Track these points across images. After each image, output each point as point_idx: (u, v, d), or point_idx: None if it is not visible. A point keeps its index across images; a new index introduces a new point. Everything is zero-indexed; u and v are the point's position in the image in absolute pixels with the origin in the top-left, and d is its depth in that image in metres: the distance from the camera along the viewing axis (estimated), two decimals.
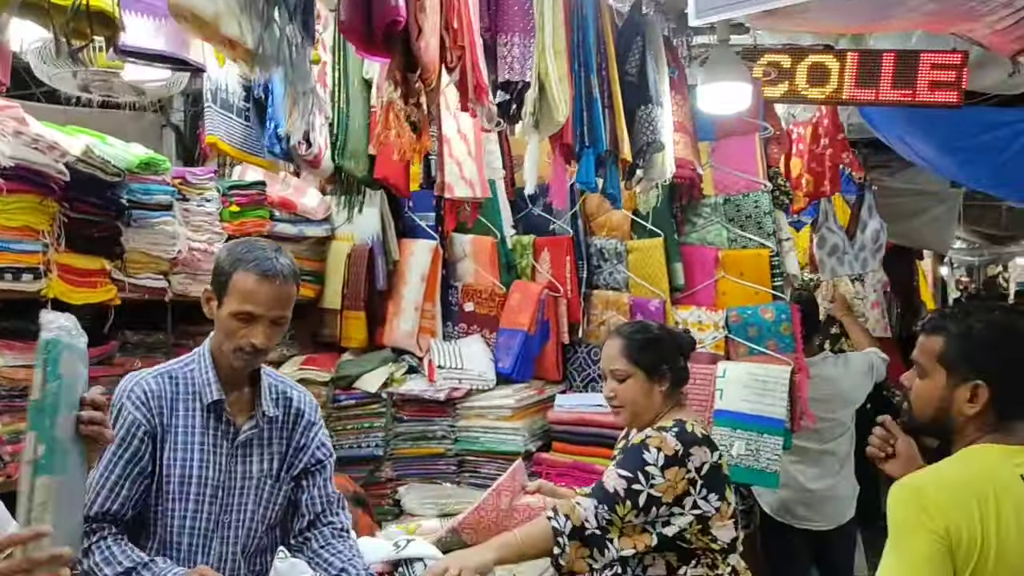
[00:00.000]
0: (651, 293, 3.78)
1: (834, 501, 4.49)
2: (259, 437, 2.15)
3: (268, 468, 2.16)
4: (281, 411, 2.20)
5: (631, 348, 2.49)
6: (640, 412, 2.50)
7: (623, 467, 2.34)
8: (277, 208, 3.77)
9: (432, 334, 3.96)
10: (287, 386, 2.26)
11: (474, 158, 3.63)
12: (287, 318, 2.09)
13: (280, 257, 2.06)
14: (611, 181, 2.77)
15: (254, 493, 2.14)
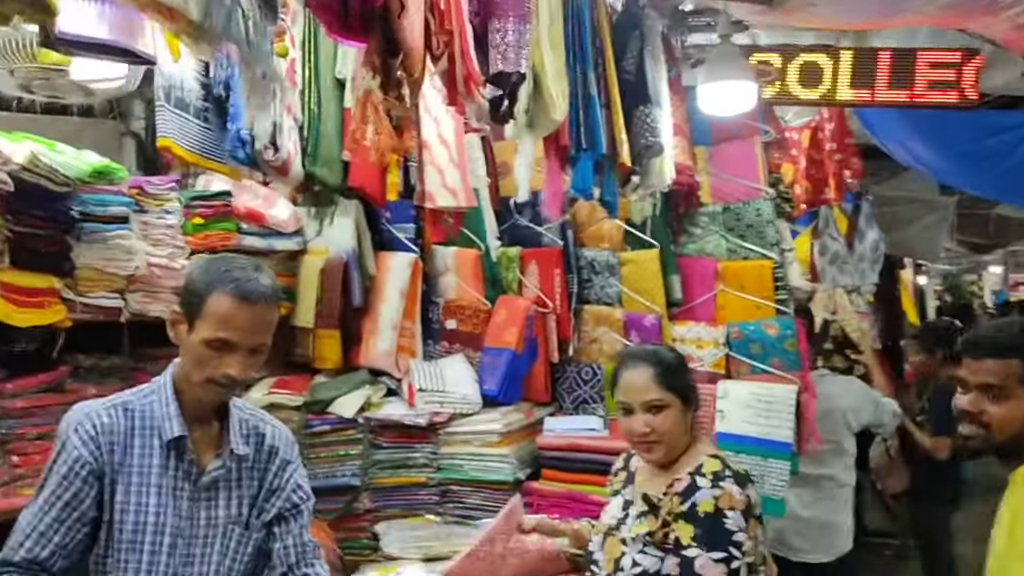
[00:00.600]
0: (646, 308, 3.55)
1: (831, 531, 4.31)
2: (226, 479, 1.92)
3: (236, 513, 1.92)
4: (252, 449, 1.97)
5: (665, 375, 2.23)
6: (675, 445, 2.25)
7: (712, 548, 2.08)
8: (244, 220, 3.51)
9: (412, 354, 3.70)
10: (259, 420, 2.03)
11: (457, 165, 3.40)
12: (267, 345, 1.88)
13: (261, 276, 1.84)
14: (608, 188, 2.54)
15: (219, 542, 1.90)
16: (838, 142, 4.05)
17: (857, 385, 4.44)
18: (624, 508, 2.34)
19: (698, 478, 2.18)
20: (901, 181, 6.98)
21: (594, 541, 2.38)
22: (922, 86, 3.59)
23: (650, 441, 2.25)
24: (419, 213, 3.79)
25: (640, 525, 2.23)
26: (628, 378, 2.28)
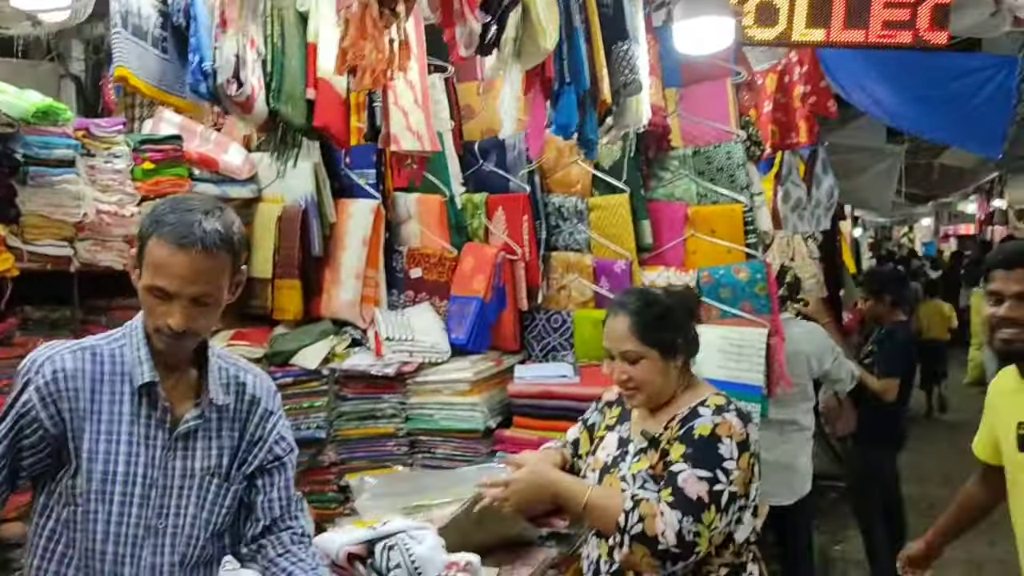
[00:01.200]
0: (616, 254, 3.49)
1: (793, 473, 4.37)
2: (205, 428, 1.81)
3: (215, 464, 1.82)
4: (233, 398, 1.86)
5: (642, 326, 2.19)
6: (657, 393, 2.23)
7: (699, 466, 2.08)
8: (196, 166, 3.37)
9: (376, 303, 3.61)
10: (240, 368, 1.93)
11: (421, 107, 3.26)
12: (215, 296, 1.72)
13: (208, 220, 1.68)
14: (590, 126, 2.45)
15: (196, 493, 1.80)
16: (813, 84, 4.01)
17: (819, 331, 4.47)
18: (621, 445, 2.31)
19: (701, 408, 2.18)
20: (850, 130, 7.02)
21: (589, 478, 2.34)
22: (878, 26, 3.51)
23: (629, 388, 2.25)
24: (380, 158, 3.68)
25: (640, 462, 2.21)
26: (609, 325, 2.28)
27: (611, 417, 2.46)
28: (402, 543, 2.01)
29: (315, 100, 2.68)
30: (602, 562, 2.28)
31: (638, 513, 2.06)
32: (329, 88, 2.71)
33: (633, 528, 2.05)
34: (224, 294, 1.74)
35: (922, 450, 8.04)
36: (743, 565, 2.21)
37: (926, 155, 8.06)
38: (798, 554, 4.52)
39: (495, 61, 2.09)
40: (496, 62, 2.06)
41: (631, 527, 2.05)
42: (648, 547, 2.03)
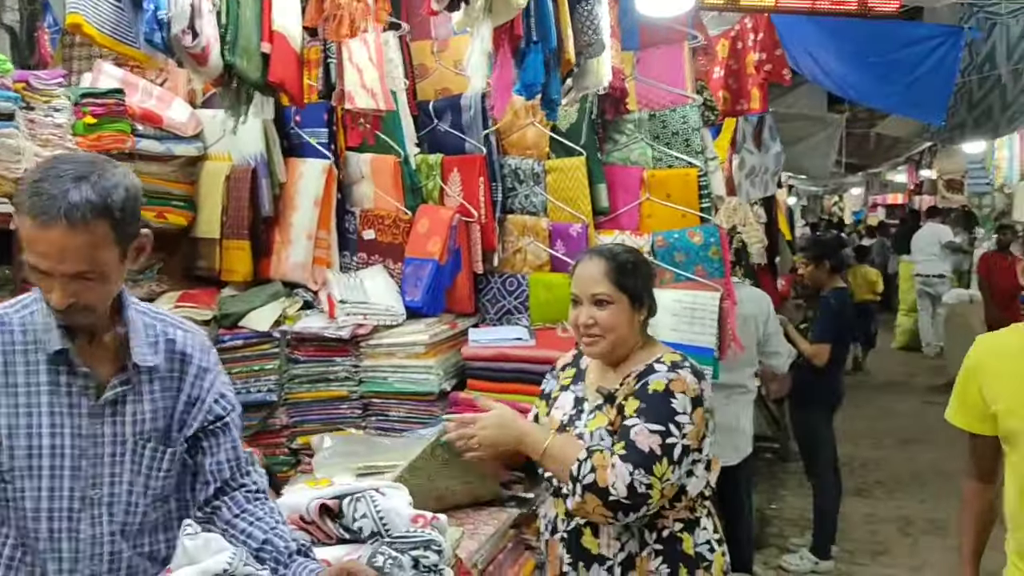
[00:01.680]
0: (572, 217, 3.49)
1: (738, 434, 4.47)
2: (134, 392, 1.72)
3: (149, 428, 1.74)
4: (162, 357, 1.76)
5: (618, 271, 2.23)
6: (619, 343, 2.26)
7: (652, 419, 2.12)
8: (139, 122, 3.25)
9: (328, 265, 3.55)
10: (168, 324, 1.82)
11: (375, 65, 3.20)
12: (98, 271, 1.58)
13: (81, 187, 1.52)
14: (554, 86, 2.43)
15: (130, 460, 1.72)
16: (768, 52, 4.03)
17: (765, 297, 4.57)
18: (576, 404, 2.33)
19: (656, 364, 2.22)
20: (792, 98, 7.12)
21: None
22: None
23: (593, 334, 2.26)
24: (331, 117, 3.59)
25: (596, 418, 2.24)
26: (581, 269, 2.30)
27: (566, 378, 2.48)
28: (369, 497, 1.99)
29: (270, 54, 2.60)
30: (559, 521, 2.31)
31: (591, 463, 2.10)
32: (284, 42, 2.64)
33: (585, 478, 2.09)
34: (114, 266, 1.60)
35: (851, 412, 8.26)
36: (697, 520, 2.27)
37: (862, 125, 8.22)
38: (739, 512, 4.65)
39: (462, 16, 2.04)
40: (464, 17, 2.01)
41: (583, 476, 2.09)
42: (599, 497, 2.07)
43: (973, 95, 5.42)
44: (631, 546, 2.20)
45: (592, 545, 2.22)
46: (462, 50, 3.66)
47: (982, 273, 9.62)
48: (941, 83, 4.13)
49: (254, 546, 1.78)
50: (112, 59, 3.40)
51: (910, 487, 6.67)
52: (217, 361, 1.87)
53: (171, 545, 1.80)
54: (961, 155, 12.16)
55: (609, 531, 2.21)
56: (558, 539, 2.31)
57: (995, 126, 5.58)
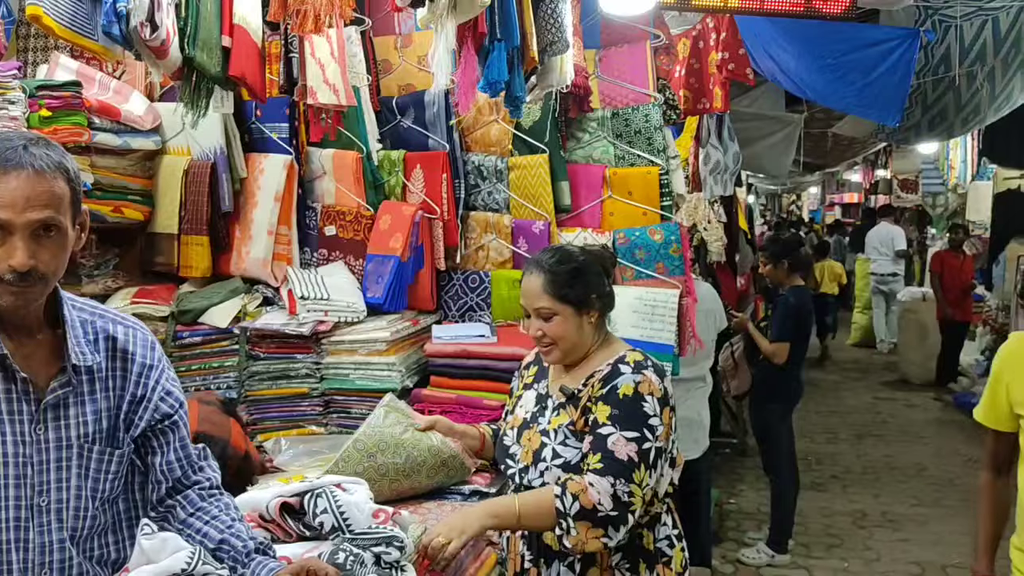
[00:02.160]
0: (534, 214, 3.50)
1: (698, 428, 4.52)
2: (76, 394, 1.66)
3: (93, 430, 1.67)
4: (104, 355, 1.70)
5: (555, 283, 2.24)
6: (573, 348, 2.29)
7: (626, 427, 2.12)
8: (96, 115, 3.20)
9: (288, 261, 3.52)
10: (108, 320, 1.74)
11: (337, 60, 3.17)
12: (59, 227, 1.55)
13: (36, 146, 1.53)
14: (518, 84, 2.43)
15: (76, 464, 1.65)
16: (731, 52, 4.06)
17: (706, 287, 4.63)
18: (539, 402, 2.34)
19: (621, 365, 2.23)
20: (750, 98, 7.20)
21: (508, 435, 2.37)
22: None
23: (545, 343, 2.30)
24: (293, 112, 3.56)
25: (560, 416, 2.24)
26: (524, 283, 2.32)
27: (528, 376, 2.49)
28: (329, 492, 1.97)
29: (231, 48, 2.56)
30: None
31: (570, 494, 2.08)
32: (246, 36, 2.60)
33: (572, 508, 2.07)
34: (69, 231, 1.58)
35: (807, 408, 8.43)
36: (657, 516, 2.29)
37: (820, 124, 8.34)
38: (698, 507, 4.69)
39: (426, 13, 2.03)
40: (428, 14, 2.01)
41: (570, 508, 2.07)
42: (589, 520, 2.06)
43: (928, 96, 5.53)
44: None
45: (553, 541, 2.23)
46: (426, 46, 3.66)
47: (935, 271, 9.82)
48: (897, 85, 4.21)
49: (211, 546, 1.75)
50: (68, 51, 3.34)
51: (864, 481, 6.79)
52: (162, 356, 1.81)
53: (120, 548, 1.76)
54: (915, 155, 12.41)
55: None
56: (519, 536, 2.32)
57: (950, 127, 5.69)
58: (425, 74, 3.65)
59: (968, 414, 8.56)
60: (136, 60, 2.42)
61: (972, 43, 5.26)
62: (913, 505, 6.22)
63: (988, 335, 9.01)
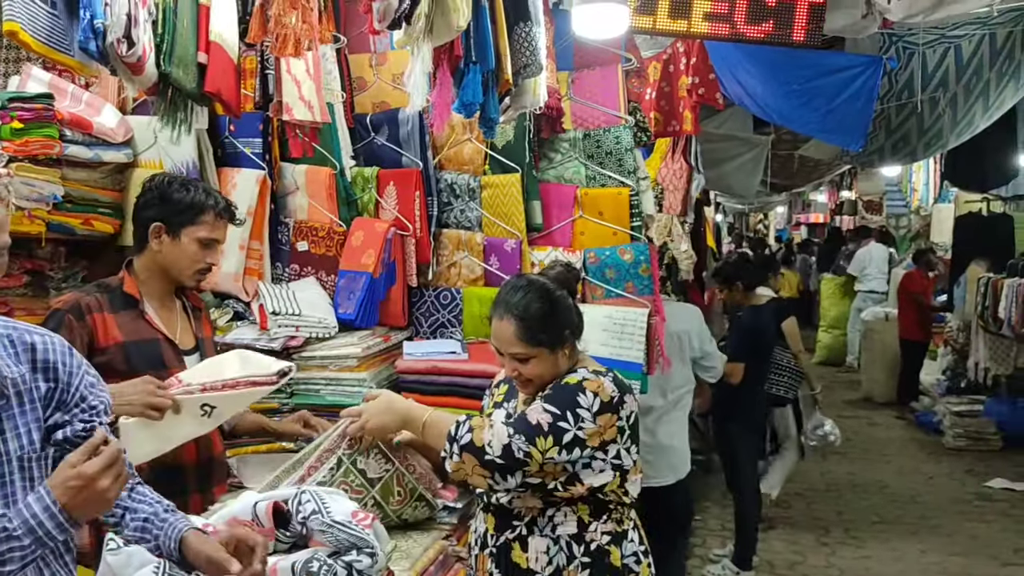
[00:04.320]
0: (506, 233, 3.53)
1: (675, 453, 4.48)
2: (7, 408, 1.61)
3: (27, 442, 1.63)
4: (27, 366, 1.66)
5: (528, 330, 2.24)
6: (549, 379, 2.31)
7: (552, 403, 2.19)
8: (68, 127, 3.18)
9: (260, 276, 3.52)
10: (23, 331, 1.70)
11: (312, 77, 3.20)
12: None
13: None
14: (492, 105, 2.47)
15: (19, 477, 1.61)
16: (701, 76, 4.14)
17: (696, 311, 4.64)
18: None
19: (581, 369, 2.30)
20: (719, 120, 7.31)
21: None
22: (699, 17, 3.49)
23: (522, 380, 2.34)
24: (266, 127, 3.58)
25: None
26: (495, 327, 2.32)
27: (499, 395, 2.52)
28: (311, 491, 1.98)
29: (207, 64, 2.58)
30: (488, 536, 2.35)
31: (468, 424, 2.20)
32: (221, 52, 2.62)
33: (462, 438, 2.18)
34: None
35: None
36: (624, 532, 2.32)
37: (786, 147, 8.49)
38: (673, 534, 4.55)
39: (403, 36, 2.07)
40: (405, 36, 2.04)
41: (460, 436, 2.19)
42: (476, 456, 2.15)
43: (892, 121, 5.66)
44: (559, 559, 2.25)
45: (520, 560, 2.26)
46: (400, 64, 3.70)
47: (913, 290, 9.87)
48: (860, 111, 4.31)
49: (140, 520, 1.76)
50: (40, 63, 3.33)
51: (827, 498, 6.88)
52: (81, 362, 1.77)
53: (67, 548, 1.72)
54: (879, 177, 12.63)
55: (537, 545, 2.25)
56: (487, 554, 2.34)
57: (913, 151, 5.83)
58: (399, 92, 3.68)
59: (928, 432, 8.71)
60: (112, 76, 2.41)
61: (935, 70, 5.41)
62: (875, 522, 6.31)
63: (949, 355, 9.18)
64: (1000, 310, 7.45)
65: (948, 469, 7.63)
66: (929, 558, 5.62)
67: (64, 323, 2.39)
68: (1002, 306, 7.43)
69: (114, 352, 2.45)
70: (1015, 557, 5.62)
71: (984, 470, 7.53)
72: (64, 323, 2.39)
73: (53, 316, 2.43)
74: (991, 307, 7.67)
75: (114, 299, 2.52)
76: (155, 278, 2.61)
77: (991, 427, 8.16)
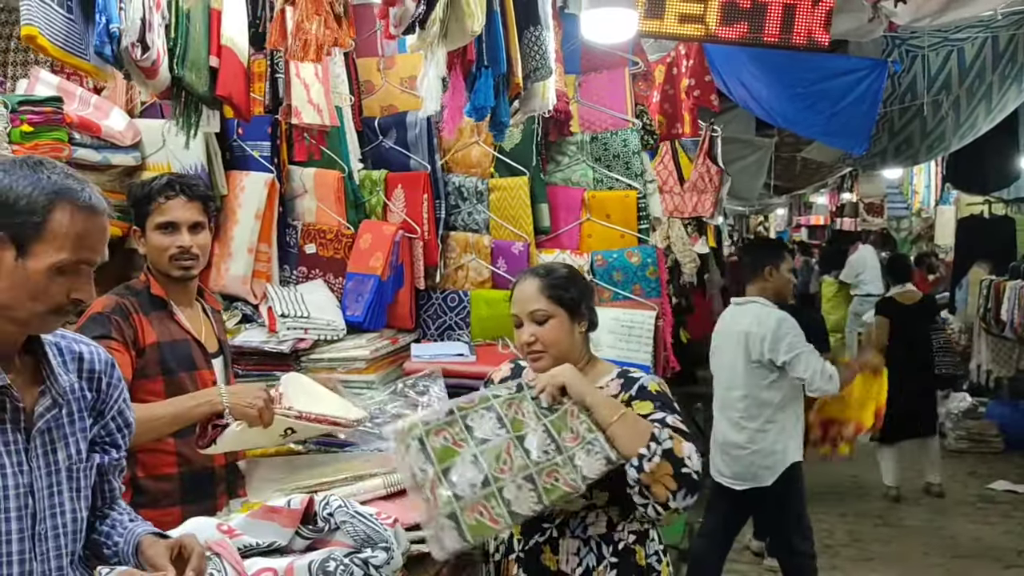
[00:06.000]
0: (514, 235, 3.55)
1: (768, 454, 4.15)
2: (59, 418, 1.63)
3: (75, 451, 1.65)
4: (76, 376, 1.68)
5: (552, 286, 2.27)
6: (563, 356, 2.27)
7: (676, 414, 2.15)
8: (77, 130, 3.20)
9: (268, 279, 3.54)
10: (71, 340, 1.73)
11: (321, 81, 3.21)
12: None
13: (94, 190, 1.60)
14: (503, 109, 2.48)
15: (68, 487, 1.63)
16: (698, 78, 4.15)
17: (778, 315, 4.15)
18: None
19: (631, 374, 2.28)
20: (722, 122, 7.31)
21: None
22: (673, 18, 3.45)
23: (536, 351, 2.29)
24: (275, 130, 3.59)
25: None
26: (518, 290, 2.33)
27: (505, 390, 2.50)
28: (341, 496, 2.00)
29: (219, 68, 2.59)
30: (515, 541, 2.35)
31: (667, 431, 2.06)
32: (233, 56, 2.64)
33: (664, 442, 2.03)
34: None
35: None
36: (647, 531, 2.32)
37: (789, 149, 8.50)
38: (786, 529, 4.35)
39: (417, 40, 2.08)
40: (419, 41, 2.05)
41: (663, 440, 2.04)
42: (673, 465, 2.02)
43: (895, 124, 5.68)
44: (589, 560, 2.25)
45: (551, 562, 2.25)
46: (408, 68, 3.72)
47: None
48: (864, 114, 4.32)
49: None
50: (49, 66, 3.34)
51: (828, 501, 6.88)
52: (120, 377, 1.79)
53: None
54: (880, 180, 12.62)
55: (568, 547, 2.25)
56: (513, 559, 2.33)
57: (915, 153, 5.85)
58: (407, 95, 3.69)
59: None
60: (126, 80, 2.43)
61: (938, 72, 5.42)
62: (877, 525, 6.32)
63: None
64: (1002, 312, 7.47)
65: (950, 471, 7.62)
66: (932, 560, 5.62)
67: (114, 325, 2.36)
68: (1004, 308, 7.45)
69: (150, 353, 2.44)
70: (1018, 559, 5.62)
71: (987, 472, 7.53)
72: (114, 325, 2.36)
73: (97, 321, 2.36)
74: (993, 309, 7.69)
75: (143, 301, 2.50)
76: (162, 278, 2.61)
77: (993, 429, 8.16)
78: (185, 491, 2.45)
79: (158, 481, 2.42)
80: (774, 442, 4.12)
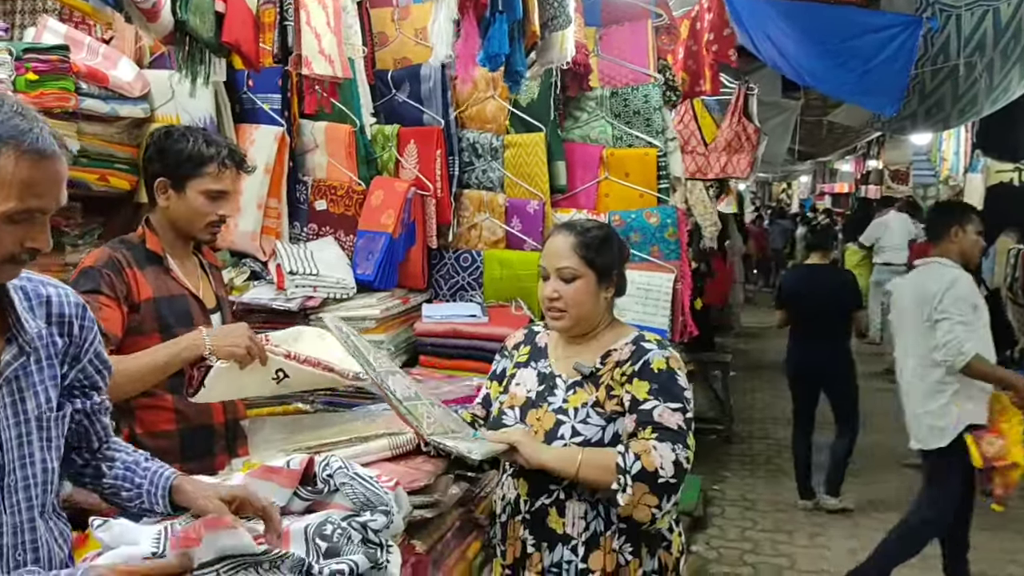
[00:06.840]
0: (529, 194, 3.45)
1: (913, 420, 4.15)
2: (27, 365, 1.56)
3: (45, 400, 1.58)
4: (44, 320, 1.60)
5: (586, 245, 2.21)
6: (584, 318, 2.23)
7: (670, 400, 2.12)
8: (84, 80, 3.12)
9: (277, 235, 3.46)
10: (38, 283, 1.64)
11: (333, 30, 3.11)
12: None
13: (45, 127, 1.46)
14: (518, 58, 2.37)
15: (38, 437, 1.56)
16: (716, 32, 3.99)
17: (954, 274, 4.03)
18: (544, 380, 2.30)
19: (643, 343, 2.22)
20: None
21: (508, 414, 2.31)
22: None
23: (556, 308, 2.24)
24: (285, 83, 3.49)
25: (578, 395, 2.21)
26: (550, 243, 2.28)
27: (521, 355, 2.44)
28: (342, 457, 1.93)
29: (225, 14, 2.50)
30: (521, 502, 2.28)
31: (632, 452, 2.06)
32: (239, 2, 2.54)
33: (632, 467, 2.04)
34: None
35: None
36: None
37: (815, 112, 8.30)
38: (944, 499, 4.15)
39: None
40: None
41: (630, 467, 2.05)
42: (648, 484, 2.04)
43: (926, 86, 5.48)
44: (596, 524, 2.19)
45: (557, 525, 2.20)
46: (423, 19, 3.60)
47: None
48: (897, 73, 4.16)
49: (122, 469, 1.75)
50: (57, 14, 3.26)
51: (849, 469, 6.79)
52: (94, 320, 1.72)
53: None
54: (907, 146, 12.34)
55: (575, 510, 2.19)
56: (520, 520, 2.28)
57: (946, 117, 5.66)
58: (422, 48, 3.59)
59: None
60: (126, 23, 2.34)
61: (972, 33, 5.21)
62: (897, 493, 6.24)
63: None
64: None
65: None
66: None
67: (105, 280, 2.30)
68: None
69: (146, 308, 2.38)
70: None
71: None
72: (105, 280, 2.30)
73: (88, 275, 2.31)
74: (1020, 279, 7.52)
75: (138, 255, 2.44)
76: (170, 234, 2.54)
77: None
78: (184, 448, 2.40)
79: (156, 438, 2.36)
80: (947, 404, 3.95)
